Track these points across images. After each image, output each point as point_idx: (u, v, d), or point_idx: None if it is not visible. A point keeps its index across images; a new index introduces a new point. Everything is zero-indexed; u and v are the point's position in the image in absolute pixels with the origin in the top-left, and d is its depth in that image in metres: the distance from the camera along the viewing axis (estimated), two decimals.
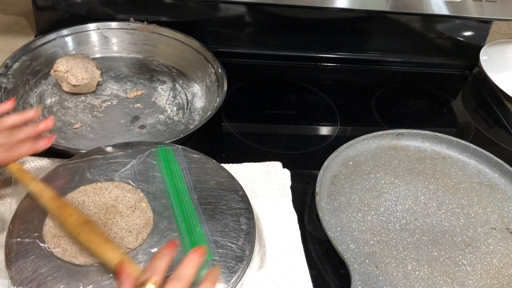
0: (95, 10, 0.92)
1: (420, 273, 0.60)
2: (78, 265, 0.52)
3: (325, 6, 0.88)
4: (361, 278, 0.58)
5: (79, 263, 0.52)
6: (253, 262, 0.58)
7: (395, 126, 0.82)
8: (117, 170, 0.62)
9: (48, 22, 0.92)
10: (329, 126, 0.86)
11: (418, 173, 0.74)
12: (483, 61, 1.01)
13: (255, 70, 0.98)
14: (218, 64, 0.84)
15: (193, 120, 0.80)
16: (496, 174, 0.76)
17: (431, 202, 0.70)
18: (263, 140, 0.80)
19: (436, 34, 1.03)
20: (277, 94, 0.92)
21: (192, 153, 0.66)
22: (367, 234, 0.64)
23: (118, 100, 0.82)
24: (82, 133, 0.75)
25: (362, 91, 0.96)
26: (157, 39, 0.92)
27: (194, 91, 0.86)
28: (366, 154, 0.76)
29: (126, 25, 0.91)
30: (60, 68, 0.79)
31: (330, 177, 0.71)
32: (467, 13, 0.91)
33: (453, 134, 0.80)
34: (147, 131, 0.77)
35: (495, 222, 0.69)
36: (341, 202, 0.68)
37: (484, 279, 0.61)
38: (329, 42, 1.02)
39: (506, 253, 0.65)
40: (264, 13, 0.97)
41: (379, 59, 1.05)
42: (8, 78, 0.77)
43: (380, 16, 0.99)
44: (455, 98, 1.00)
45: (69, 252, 0.53)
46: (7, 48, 0.88)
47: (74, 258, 0.53)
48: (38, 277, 0.51)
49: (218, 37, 0.98)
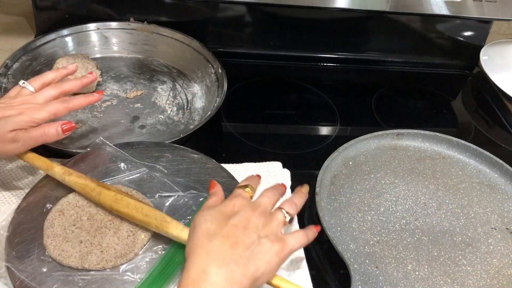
0: (95, 10, 0.92)
1: (420, 273, 0.60)
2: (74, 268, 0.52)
3: (325, 6, 0.88)
4: (361, 278, 0.58)
5: (76, 266, 0.52)
6: None
7: (395, 126, 0.82)
8: (119, 173, 0.63)
9: (48, 22, 0.92)
10: (329, 126, 0.86)
11: (418, 173, 0.74)
12: (483, 61, 1.01)
13: (255, 70, 0.98)
14: (218, 64, 0.84)
15: (193, 120, 0.80)
16: (496, 174, 0.76)
17: (431, 202, 0.70)
18: (263, 140, 0.80)
19: (436, 34, 1.03)
20: (277, 94, 0.92)
21: (192, 153, 0.66)
22: (367, 234, 0.64)
23: (118, 100, 0.82)
24: (82, 133, 0.75)
25: (362, 91, 0.96)
26: (157, 39, 0.92)
27: (194, 91, 0.86)
28: (366, 154, 0.76)
29: (126, 25, 0.91)
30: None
31: (330, 177, 0.71)
32: (467, 13, 0.91)
33: (453, 134, 0.79)
34: (147, 131, 0.77)
35: (495, 222, 0.69)
36: (341, 202, 0.68)
37: (484, 279, 0.61)
38: (329, 42, 1.02)
39: (506, 253, 0.65)
40: (264, 13, 0.97)
41: (379, 59, 1.05)
42: (8, 78, 0.77)
43: (380, 16, 0.99)
44: (455, 98, 1.00)
45: (67, 254, 0.53)
46: (7, 48, 0.88)
47: (70, 260, 0.53)
48: (38, 277, 0.51)
49: (218, 37, 0.98)
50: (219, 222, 0.47)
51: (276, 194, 0.54)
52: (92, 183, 0.57)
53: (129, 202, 0.55)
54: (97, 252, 0.53)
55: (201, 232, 0.46)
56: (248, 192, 0.52)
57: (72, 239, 0.54)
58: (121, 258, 0.53)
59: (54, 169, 0.59)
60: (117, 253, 0.54)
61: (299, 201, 0.55)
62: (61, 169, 0.59)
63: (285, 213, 0.51)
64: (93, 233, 0.55)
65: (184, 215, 0.58)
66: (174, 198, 0.60)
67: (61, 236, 0.54)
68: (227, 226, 0.47)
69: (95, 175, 0.62)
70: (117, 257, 0.53)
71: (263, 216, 0.50)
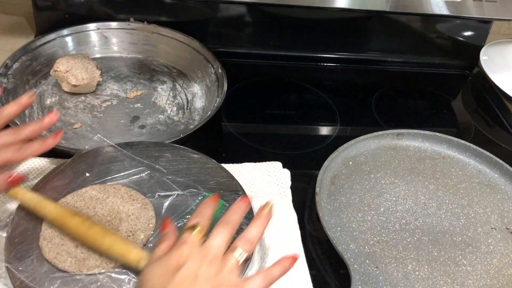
0: (95, 10, 0.92)
1: (420, 273, 0.60)
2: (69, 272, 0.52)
3: (325, 6, 0.88)
4: (361, 278, 0.58)
5: (72, 270, 0.52)
6: (253, 262, 0.58)
7: (395, 126, 0.82)
8: (119, 172, 0.62)
9: (48, 22, 0.92)
10: (329, 126, 0.86)
11: (418, 173, 0.74)
12: (483, 61, 1.01)
13: (255, 70, 0.98)
14: (218, 64, 0.84)
15: (193, 120, 0.80)
16: (496, 174, 0.76)
17: (431, 202, 0.70)
18: (263, 140, 0.80)
19: (436, 34, 1.03)
20: (277, 94, 0.92)
21: (192, 153, 0.66)
22: (367, 234, 0.64)
23: (118, 100, 0.82)
24: (82, 133, 0.75)
25: (362, 91, 0.96)
26: (157, 39, 0.92)
27: (194, 91, 0.86)
28: (366, 154, 0.76)
29: (126, 25, 0.91)
30: (60, 68, 0.79)
31: (330, 177, 0.71)
32: (467, 13, 0.91)
33: (453, 134, 0.79)
34: (147, 131, 0.77)
35: (495, 222, 0.69)
36: (341, 202, 0.68)
37: (484, 279, 0.61)
38: (329, 42, 1.02)
39: (506, 253, 0.65)
40: (264, 13, 0.97)
41: (379, 59, 1.05)
42: (8, 78, 0.77)
43: (380, 16, 0.99)
44: (455, 98, 1.00)
45: (62, 258, 0.53)
46: (7, 48, 0.88)
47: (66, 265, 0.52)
48: (38, 277, 0.51)
49: (218, 37, 0.98)
50: (166, 277, 0.43)
51: (229, 229, 0.47)
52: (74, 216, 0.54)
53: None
54: (96, 255, 0.53)
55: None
56: (196, 235, 0.46)
57: (67, 243, 0.54)
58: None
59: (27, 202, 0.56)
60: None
61: (257, 231, 0.47)
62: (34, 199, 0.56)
63: (240, 253, 0.45)
64: None
65: (183, 214, 0.59)
66: (173, 197, 0.60)
67: (58, 238, 0.54)
68: (174, 281, 0.42)
69: (95, 175, 0.62)
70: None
71: (214, 263, 0.44)
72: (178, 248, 0.44)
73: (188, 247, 0.44)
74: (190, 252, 0.44)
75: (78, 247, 0.54)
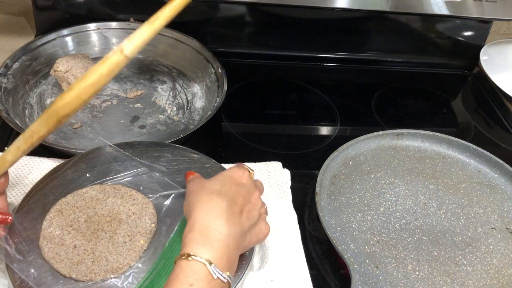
0: (95, 10, 0.92)
1: (420, 273, 0.60)
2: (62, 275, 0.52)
3: (325, 6, 0.88)
4: (361, 278, 0.58)
5: (64, 273, 0.52)
6: (253, 262, 0.58)
7: (395, 126, 0.82)
8: (119, 172, 0.62)
9: (48, 22, 0.92)
10: (329, 126, 0.86)
11: (418, 173, 0.74)
12: (483, 61, 1.01)
13: (255, 70, 0.98)
14: (218, 64, 0.84)
15: (193, 120, 0.80)
16: (496, 174, 0.76)
17: (431, 202, 0.70)
18: (263, 140, 0.80)
19: (436, 34, 1.03)
20: (277, 94, 0.92)
21: (192, 153, 0.66)
22: (367, 234, 0.64)
23: (118, 100, 0.82)
24: (82, 133, 0.75)
25: (362, 91, 0.96)
26: (157, 39, 0.91)
27: (194, 91, 0.86)
28: (366, 154, 0.76)
29: (126, 25, 0.91)
30: (60, 68, 0.79)
31: (330, 177, 0.71)
32: (467, 13, 0.91)
33: (453, 134, 0.79)
34: (147, 131, 0.77)
35: (495, 222, 0.69)
36: (341, 202, 0.68)
37: (484, 279, 0.61)
38: (329, 42, 1.02)
39: (506, 253, 0.65)
40: (264, 13, 0.97)
41: (379, 59, 1.05)
42: (8, 78, 0.77)
43: (380, 16, 0.99)
44: (455, 98, 1.00)
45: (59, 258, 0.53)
46: (7, 48, 0.88)
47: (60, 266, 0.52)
48: (38, 277, 0.51)
49: (218, 37, 0.98)
50: (229, 185, 0.50)
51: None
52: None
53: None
54: (88, 262, 0.52)
55: (211, 189, 0.49)
56: (252, 174, 0.55)
57: (67, 243, 0.54)
58: (111, 272, 0.52)
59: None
60: (108, 265, 0.53)
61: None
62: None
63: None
64: (89, 236, 0.55)
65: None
66: (174, 196, 0.60)
67: (57, 238, 0.54)
68: (236, 192, 0.50)
69: (95, 175, 0.62)
70: (107, 271, 0.52)
71: (260, 199, 0.53)
72: (241, 169, 0.53)
73: (248, 175, 0.53)
74: (249, 179, 0.53)
75: (77, 247, 0.54)
